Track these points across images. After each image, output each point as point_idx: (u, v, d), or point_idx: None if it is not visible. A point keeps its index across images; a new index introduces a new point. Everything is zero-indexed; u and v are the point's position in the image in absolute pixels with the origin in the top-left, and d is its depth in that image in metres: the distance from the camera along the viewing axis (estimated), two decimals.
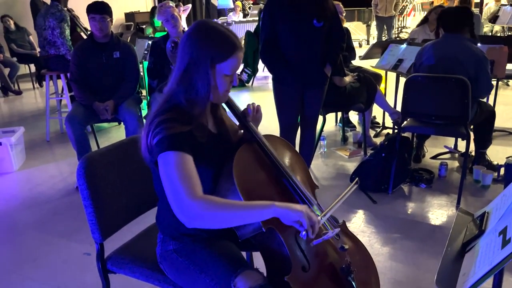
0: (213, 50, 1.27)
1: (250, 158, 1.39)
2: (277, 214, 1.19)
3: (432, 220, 2.72)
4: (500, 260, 0.88)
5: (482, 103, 3.14)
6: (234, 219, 1.19)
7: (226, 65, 1.29)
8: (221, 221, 1.19)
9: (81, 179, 1.43)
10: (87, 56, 3.26)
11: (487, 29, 8.89)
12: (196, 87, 1.29)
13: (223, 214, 1.18)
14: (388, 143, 3.17)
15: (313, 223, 1.21)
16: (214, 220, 1.18)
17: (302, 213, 1.20)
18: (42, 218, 2.92)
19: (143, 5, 10.96)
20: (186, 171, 1.21)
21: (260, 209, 1.19)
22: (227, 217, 1.18)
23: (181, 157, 1.22)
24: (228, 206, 1.19)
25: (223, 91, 1.34)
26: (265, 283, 1.23)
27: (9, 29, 7.18)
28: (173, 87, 1.31)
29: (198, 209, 1.16)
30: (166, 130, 1.23)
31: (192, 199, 1.17)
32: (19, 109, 6.12)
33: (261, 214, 1.19)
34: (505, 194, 1.16)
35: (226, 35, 1.30)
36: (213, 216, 1.17)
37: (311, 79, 2.86)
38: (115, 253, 1.59)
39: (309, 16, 2.69)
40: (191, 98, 1.30)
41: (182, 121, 1.27)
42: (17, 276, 2.30)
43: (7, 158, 3.69)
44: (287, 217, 1.20)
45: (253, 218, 1.20)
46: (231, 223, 1.21)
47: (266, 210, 1.19)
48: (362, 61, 4.65)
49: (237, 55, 1.30)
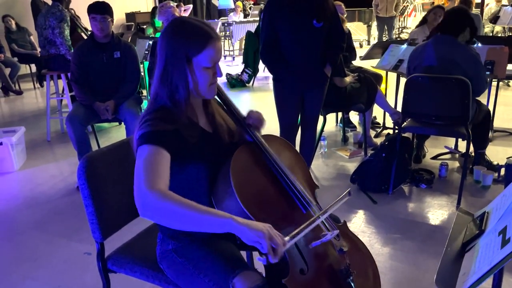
0: (186, 44, 1.27)
1: (248, 160, 1.38)
2: (234, 230, 1.10)
3: (433, 221, 2.72)
4: (500, 260, 0.88)
5: (480, 103, 3.15)
6: (187, 220, 1.12)
7: (203, 57, 1.28)
8: (173, 218, 1.12)
9: (81, 178, 1.44)
10: (88, 56, 3.26)
11: (488, 29, 8.89)
12: (176, 85, 1.29)
13: (177, 210, 1.11)
14: (389, 143, 3.17)
15: (276, 245, 1.10)
16: (166, 214, 1.12)
17: (263, 233, 1.09)
18: (42, 217, 2.92)
19: (144, 5, 10.98)
20: (154, 164, 1.18)
21: (217, 218, 1.11)
22: (180, 215, 1.11)
23: (154, 150, 1.20)
24: (185, 205, 1.12)
25: (206, 84, 1.32)
26: (263, 284, 1.23)
27: (10, 29, 7.19)
28: (156, 87, 1.32)
29: (153, 198, 1.12)
30: (149, 127, 1.24)
31: (149, 188, 1.13)
32: (20, 109, 6.13)
33: (216, 224, 1.11)
34: (505, 194, 1.16)
35: (198, 27, 1.29)
36: (165, 209, 1.11)
37: (311, 79, 2.86)
38: (115, 252, 1.59)
39: (308, 16, 2.69)
40: (174, 97, 1.30)
41: (167, 120, 1.27)
42: (18, 276, 2.30)
43: (8, 158, 3.69)
44: (245, 235, 1.09)
45: (207, 226, 1.12)
46: (183, 224, 1.13)
47: (222, 222, 1.11)
48: (363, 62, 4.65)
49: (213, 45, 1.28)
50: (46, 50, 4.40)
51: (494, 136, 4.11)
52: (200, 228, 1.13)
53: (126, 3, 10.18)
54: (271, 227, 1.13)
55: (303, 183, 1.48)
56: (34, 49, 7.34)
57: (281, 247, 1.11)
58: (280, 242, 1.11)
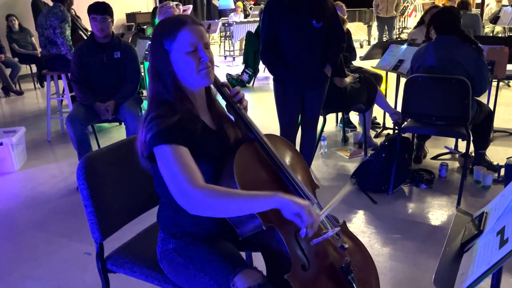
0: (160, 38, 1.31)
1: (251, 157, 1.39)
2: (280, 205, 1.18)
3: (432, 221, 2.72)
4: (498, 260, 0.89)
5: (481, 103, 3.15)
6: (237, 207, 1.19)
7: (179, 42, 1.30)
8: (224, 209, 1.20)
9: (81, 178, 1.44)
10: (88, 56, 3.27)
11: (488, 29, 8.89)
12: (164, 77, 1.32)
13: (226, 201, 1.18)
14: (389, 143, 3.17)
15: (313, 220, 1.20)
16: (217, 207, 1.19)
17: (304, 207, 1.19)
18: (43, 217, 2.93)
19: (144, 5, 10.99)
20: (185, 162, 1.22)
21: (263, 198, 1.19)
22: (230, 205, 1.19)
23: (176, 149, 1.24)
24: (231, 194, 1.20)
25: (194, 70, 1.32)
26: (264, 282, 1.24)
27: (13, 28, 7.20)
28: (150, 88, 1.36)
29: (202, 196, 1.18)
30: (158, 126, 1.25)
31: (195, 187, 1.19)
32: (21, 109, 6.14)
33: (264, 203, 1.19)
34: (504, 194, 1.16)
35: (170, 18, 1.34)
36: (216, 203, 1.18)
37: (311, 79, 2.87)
38: (115, 252, 1.59)
39: (308, 16, 2.69)
40: (167, 89, 1.32)
41: (170, 114, 1.29)
42: (18, 275, 2.31)
43: (9, 158, 3.70)
44: (289, 208, 1.18)
45: (256, 208, 1.20)
46: (234, 212, 1.21)
47: (269, 200, 1.18)
48: (363, 62, 4.65)
49: (186, 29, 1.29)
50: (47, 50, 4.40)
51: (494, 136, 4.10)
52: (250, 210, 1.21)
53: (126, 3, 10.19)
54: (310, 204, 1.23)
55: (304, 182, 1.49)
56: (35, 50, 7.35)
57: (317, 221, 1.21)
58: (316, 217, 1.21)
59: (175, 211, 1.37)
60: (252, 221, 1.27)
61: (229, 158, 1.35)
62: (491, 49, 3.44)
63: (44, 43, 4.40)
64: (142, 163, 1.33)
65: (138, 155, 1.33)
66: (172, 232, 1.41)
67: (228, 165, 1.33)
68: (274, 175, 1.40)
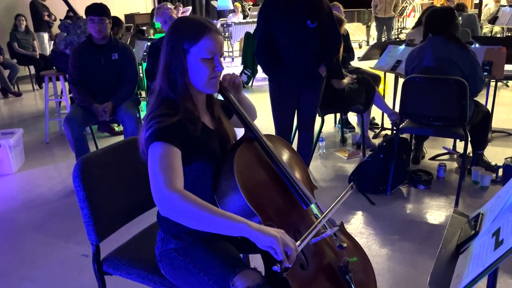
0: (183, 36, 1.31)
1: (251, 156, 1.40)
2: (248, 235, 1.14)
3: (431, 221, 2.72)
4: (493, 262, 0.88)
5: (478, 104, 3.15)
6: (205, 221, 1.16)
7: (199, 47, 1.31)
8: (193, 219, 1.17)
9: (77, 180, 1.44)
10: (86, 58, 3.26)
11: (487, 30, 8.90)
12: (175, 75, 1.33)
13: (197, 212, 1.16)
14: (387, 144, 3.17)
15: (289, 251, 1.13)
16: (186, 215, 1.17)
17: (276, 239, 1.12)
18: (40, 219, 2.92)
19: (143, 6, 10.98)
20: (169, 162, 1.22)
21: (232, 222, 1.15)
22: (199, 217, 1.16)
23: (167, 148, 1.24)
24: (203, 206, 1.17)
25: (206, 77, 1.34)
26: (263, 282, 1.24)
27: (19, 28, 7.19)
28: (159, 82, 1.36)
29: (175, 200, 1.17)
30: (157, 124, 1.26)
31: (170, 189, 1.18)
32: (19, 110, 6.13)
33: (231, 228, 1.15)
34: (500, 195, 1.16)
35: (195, 20, 1.34)
36: (186, 210, 1.16)
37: (306, 79, 2.87)
38: (111, 254, 1.59)
39: (303, 17, 2.70)
40: (174, 87, 1.33)
41: (171, 113, 1.30)
42: (16, 277, 2.30)
43: (6, 159, 3.69)
44: (259, 241, 1.13)
45: (223, 229, 1.16)
46: (201, 225, 1.18)
47: (237, 226, 1.15)
48: (361, 62, 4.65)
49: (209, 36, 1.31)
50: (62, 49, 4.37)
51: (492, 136, 4.11)
52: (216, 230, 1.17)
53: (125, 4, 10.18)
54: (284, 233, 1.16)
55: (303, 183, 1.49)
56: (34, 52, 7.34)
57: (294, 252, 1.15)
58: (293, 247, 1.14)
59: None
60: (251, 219, 1.27)
61: (228, 157, 1.36)
62: (489, 50, 3.44)
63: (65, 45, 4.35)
64: (144, 161, 1.33)
65: (140, 153, 1.34)
66: (172, 232, 1.41)
67: (228, 164, 1.34)
68: (274, 174, 1.41)
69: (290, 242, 1.15)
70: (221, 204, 1.33)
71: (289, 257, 1.14)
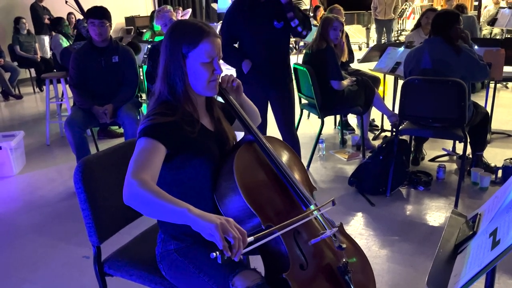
0: (181, 40, 1.32)
1: (250, 157, 1.41)
2: (188, 221, 1.10)
3: (430, 223, 2.73)
4: (490, 261, 0.89)
5: (477, 105, 3.16)
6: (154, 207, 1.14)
7: (198, 52, 1.32)
8: (145, 205, 1.15)
9: (78, 182, 1.45)
10: (86, 60, 3.28)
11: (486, 31, 8.91)
12: (174, 80, 1.34)
13: (148, 198, 1.14)
14: (386, 145, 3.18)
15: (233, 240, 1.06)
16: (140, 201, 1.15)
17: (215, 225, 1.05)
18: (41, 221, 2.93)
19: (143, 9, 11.01)
20: (144, 156, 1.24)
21: (174, 207, 1.11)
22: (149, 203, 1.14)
23: (149, 143, 1.26)
24: (155, 192, 1.14)
25: (205, 80, 1.35)
26: (262, 282, 1.26)
27: (21, 31, 7.21)
28: (158, 86, 1.38)
29: (134, 186, 1.16)
30: (148, 121, 1.29)
31: (133, 177, 1.18)
32: (20, 113, 6.15)
33: (173, 213, 1.11)
34: (497, 196, 1.17)
35: (194, 24, 1.35)
36: (140, 197, 1.14)
37: (275, 79, 2.90)
38: (112, 256, 1.60)
39: (269, 18, 2.74)
40: (174, 91, 1.35)
41: (166, 114, 1.32)
42: (17, 279, 2.31)
43: (7, 162, 3.71)
44: (199, 227, 1.08)
45: (167, 214, 1.13)
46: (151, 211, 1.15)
47: (178, 211, 1.11)
48: (361, 64, 4.67)
49: (208, 40, 1.32)
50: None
51: (492, 138, 4.12)
52: (163, 217, 1.14)
53: (125, 7, 10.20)
54: (230, 221, 1.09)
55: (302, 184, 1.50)
56: (35, 54, 7.36)
57: (237, 241, 1.06)
58: (237, 236, 1.06)
59: None
60: (251, 220, 1.29)
61: (228, 159, 1.37)
62: (487, 51, 3.45)
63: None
64: None
65: None
66: (172, 233, 1.42)
67: (228, 165, 1.35)
68: (273, 176, 1.42)
69: (234, 230, 1.07)
70: (221, 205, 1.34)
71: (232, 247, 1.06)
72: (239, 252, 1.06)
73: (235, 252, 1.06)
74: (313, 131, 4.65)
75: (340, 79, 3.52)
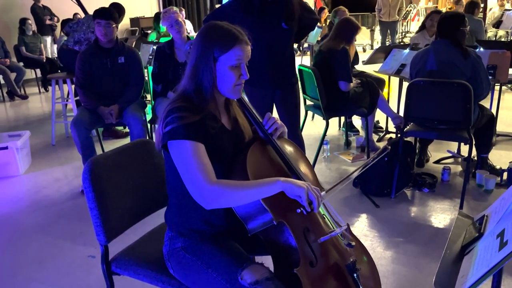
0: (214, 43, 1.36)
1: (263, 154, 1.44)
2: (282, 188, 1.26)
3: (435, 224, 2.72)
4: (497, 262, 0.90)
5: (483, 107, 3.16)
6: (246, 196, 1.28)
7: (228, 56, 1.36)
8: (236, 200, 1.29)
9: (86, 181, 1.46)
10: (92, 61, 3.30)
11: (491, 34, 8.89)
12: (202, 79, 1.37)
13: (237, 193, 1.27)
14: (391, 147, 3.18)
15: (313, 199, 1.28)
16: (229, 199, 1.28)
17: (303, 189, 1.27)
18: (47, 221, 2.95)
19: (148, 10, 11.04)
20: (202, 159, 1.30)
21: (267, 184, 1.27)
22: (240, 196, 1.28)
23: (196, 146, 1.31)
24: (240, 185, 1.29)
25: (231, 84, 1.39)
26: (271, 276, 1.28)
27: (26, 32, 7.26)
28: (184, 82, 1.40)
29: (216, 192, 1.27)
30: (179, 120, 1.31)
31: (210, 184, 1.27)
32: (25, 113, 6.18)
33: (268, 189, 1.27)
34: (504, 197, 1.17)
35: (227, 29, 1.38)
36: (228, 196, 1.28)
37: (281, 80, 2.88)
38: (119, 255, 1.61)
39: (277, 19, 2.73)
40: (200, 91, 1.38)
41: (192, 110, 1.34)
42: (23, 278, 2.33)
43: (13, 161, 3.73)
44: (290, 191, 1.27)
45: (262, 193, 1.28)
46: (244, 200, 1.30)
47: (273, 185, 1.26)
48: (365, 66, 4.67)
49: (239, 46, 1.36)
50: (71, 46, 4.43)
51: (497, 140, 4.10)
52: (257, 196, 1.29)
53: (130, 8, 10.22)
54: (310, 184, 1.30)
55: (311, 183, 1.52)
56: (41, 55, 7.40)
57: (317, 199, 1.28)
58: (315, 196, 1.28)
59: (182, 209, 1.42)
60: (263, 217, 1.31)
61: (241, 156, 1.40)
62: (493, 54, 3.45)
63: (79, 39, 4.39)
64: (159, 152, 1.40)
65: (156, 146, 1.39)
66: (179, 230, 1.44)
67: (241, 162, 1.37)
68: (284, 173, 1.45)
69: (315, 191, 1.30)
70: None
71: (312, 204, 1.29)
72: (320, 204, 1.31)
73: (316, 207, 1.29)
74: (317, 133, 4.66)
75: (349, 81, 3.53)
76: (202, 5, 12.22)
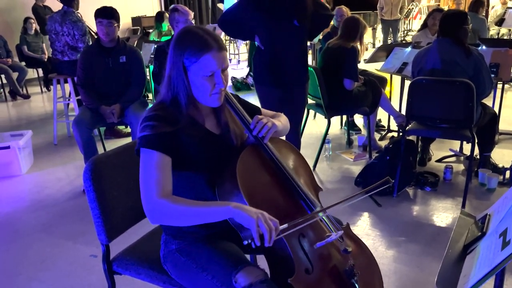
0: (183, 53, 1.31)
1: (254, 161, 1.40)
2: (232, 215, 1.20)
3: (437, 223, 2.72)
4: (500, 262, 0.89)
5: (485, 106, 3.14)
6: (192, 217, 1.24)
7: (199, 65, 1.29)
8: (180, 219, 1.25)
9: (87, 181, 1.46)
10: (94, 60, 3.30)
11: (494, 32, 8.86)
12: (177, 91, 1.34)
13: (182, 212, 1.23)
14: (393, 146, 3.17)
15: (265, 231, 1.16)
16: (173, 216, 1.25)
17: (253, 220, 1.17)
18: (49, 220, 2.95)
19: (150, 9, 11.04)
20: (162, 172, 1.28)
21: (216, 209, 1.22)
22: (185, 215, 1.24)
23: (161, 157, 1.29)
24: (189, 205, 1.25)
25: (207, 94, 1.33)
26: (266, 279, 1.25)
27: (28, 31, 7.26)
28: (163, 91, 1.38)
29: (162, 206, 1.24)
30: (152, 129, 1.29)
31: (158, 197, 1.25)
32: (27, 113, 6.19)
33: (217, 213, 1.22)
34: (507, 196, 1.16)
35: (199, 36, 1.30)
36: (173, 213, 1.24)
37: (292, 78, 2.86)
38: (120, 254, 1.61)
39: (289, 17, 2.71)
40: (177, 102, 1.35)
41: (167, 120, 1.32)
42: (24, 277, 2.33)
43: (15, 161, 3.73)
44: (240, 218, 1.19)
45: (210, 217, 1.23)
46: (190, 221, 1.26)
47: (221, 210, 1.21)
48: (367, 65, 4.66)
49: (210, 54, 1.28)
50: (67, 56, 4.47)
51: (499, 138, 4.09)
52: (205, 220, 1.24)
53: (132, 7, 10.24)
54: (264, 214, 1.19)
55: (307, 185, 1.49)
56: (43, 54, 7.41)
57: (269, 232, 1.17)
58: (267, 229, 1.16)
59: None
60: None
61: (231, 162, 1.36)
62: (495, 52, 3.44)
63: (62, 49, 4.45)
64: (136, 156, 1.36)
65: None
66: (173, 233, 1.43)
67: (231, 169, 1.34)
68: (277, 179, 1.41)
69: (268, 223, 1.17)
70: None
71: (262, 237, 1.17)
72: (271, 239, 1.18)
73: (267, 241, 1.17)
74: (319, 131, 4.65)
75: (355, 80, 3.53)
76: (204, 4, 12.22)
